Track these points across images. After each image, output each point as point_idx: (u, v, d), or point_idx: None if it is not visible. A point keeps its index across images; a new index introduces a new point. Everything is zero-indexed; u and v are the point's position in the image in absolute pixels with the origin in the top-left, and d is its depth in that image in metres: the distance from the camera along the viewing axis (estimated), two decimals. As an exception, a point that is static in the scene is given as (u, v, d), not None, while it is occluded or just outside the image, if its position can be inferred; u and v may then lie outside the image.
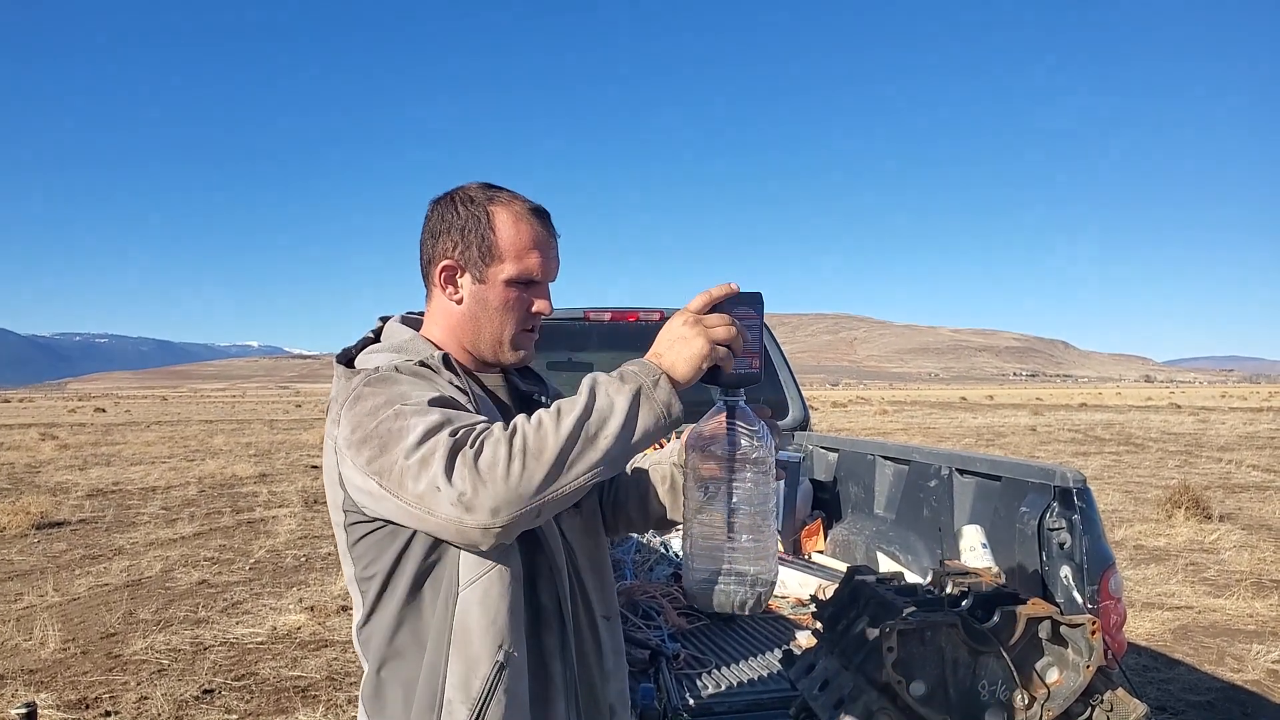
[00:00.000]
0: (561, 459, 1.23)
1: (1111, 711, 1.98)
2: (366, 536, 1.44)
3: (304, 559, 8.97)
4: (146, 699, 5.00)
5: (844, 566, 3.57)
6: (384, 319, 1.67)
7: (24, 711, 1.97)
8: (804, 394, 4.97)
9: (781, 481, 4.12)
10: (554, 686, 1.48)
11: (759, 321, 1.42)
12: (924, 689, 1.97)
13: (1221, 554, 8.75)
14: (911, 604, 2.09)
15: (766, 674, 2.73)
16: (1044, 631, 2.02)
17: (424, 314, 1.65)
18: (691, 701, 2.50)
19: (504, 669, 1.39)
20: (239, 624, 6.54)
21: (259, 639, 6.18)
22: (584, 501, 1.55)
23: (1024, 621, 1.99)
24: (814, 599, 2.43)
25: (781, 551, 3.88)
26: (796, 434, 4.81)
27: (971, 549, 2.65)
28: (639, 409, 1.28)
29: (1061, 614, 2.03)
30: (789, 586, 3.61)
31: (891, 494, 3.75)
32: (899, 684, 1.94)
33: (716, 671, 2.75)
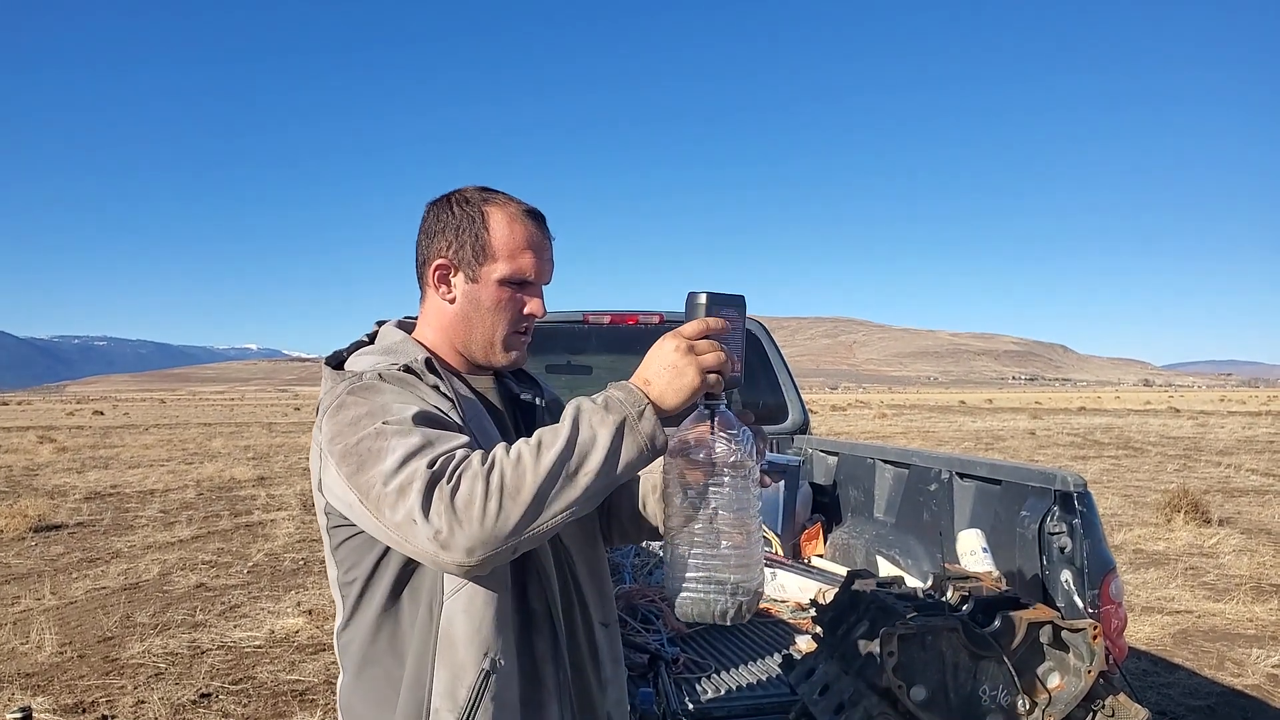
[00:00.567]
0: (540, 498, 1.22)
1: (1113, 717, 1.98)
2: (347, 541, 1.45)
3: (302, 562, 8.95)
4: (143, 703, 4.98)
5: (844, 571, 3.56)
6: (380, 323, 1.67)
7: (19, 716, 1.96)
8: (803, 398, 4.96)
9: (781, 484, 4.11)
10: (546, 692, 1.48)
11: (741, 325, 1.41)
12: (924, 694, 1.96)
13: (1221, 558, 8.73)
14: (912, 609, 2.08)
15: (766, 679, 2.72)
16: (1045, 636, 2.01)
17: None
18: (691, 706, 2.49)
19: (490, 676, 1.38)
20: (236, 627, 6.52)
21: (257, 643, 6.16)
22: None
23: (1025, 626, 1.99)
24: (814, 603, 2.41)
25: (781, 555, 3.86)
26: (796, 438, 4.80)
27: (972, 553, 2.64)
28: (622, 442, 1.27)
29: (1063, 619, 2.03)
30: (788, 591, 3.60)
31: (891, 498, 3.74)
32: (899, 689, 1.94)
33: (716, 676, 2.74)
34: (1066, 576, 2.50)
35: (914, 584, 2.55)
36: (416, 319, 1.65)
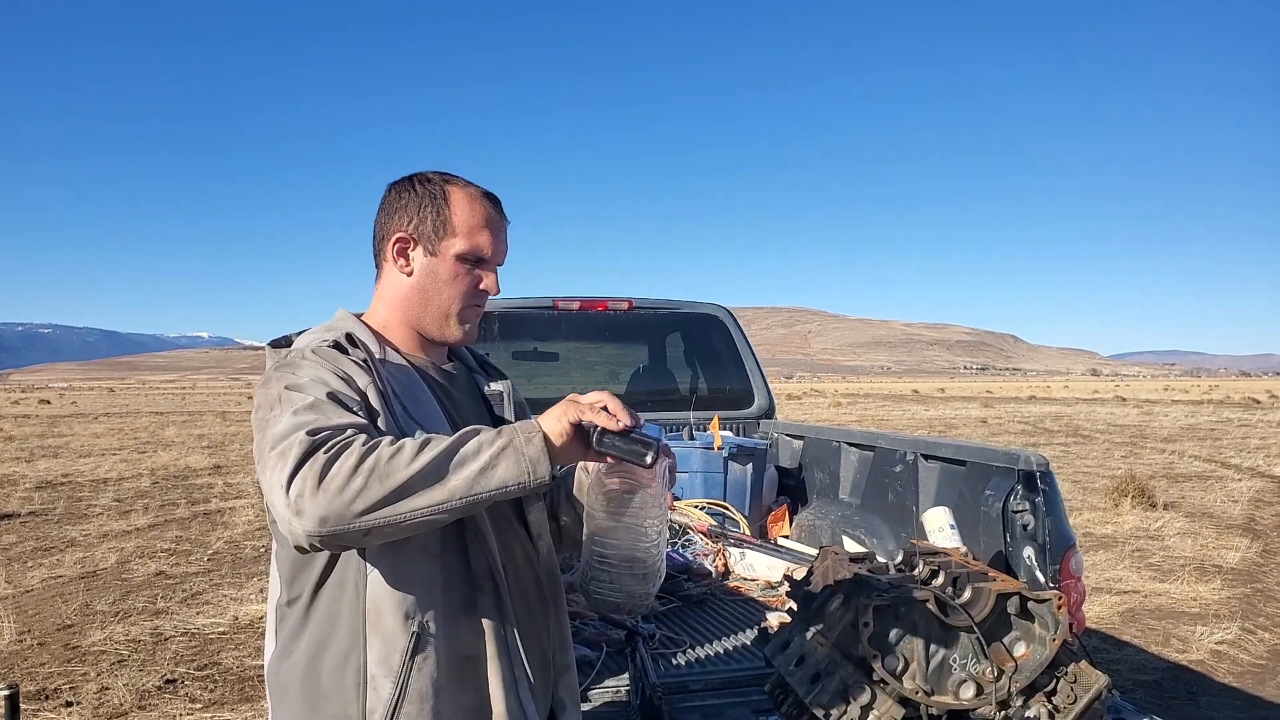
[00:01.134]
0: (406, 488, 1.25)
1: (1075, 683, 2.08)
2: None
3: (263, 549, 8.87)
4: (107, 689, 4.94)
5: (811, 551, 3.66)
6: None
7: (7, 693, 1.97)
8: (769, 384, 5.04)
9: (748, 467, 4.19)
10: (487, 649, 1.51)
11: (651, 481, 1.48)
12: (898, 663, 2.04)
13: (1166, 540, 9.02)
14: (885, 581, 2.17)
15: (741, 652, 2.80)
16: (1012, 607, 2.11)
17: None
18: (669, 680, 2.56)
19: (420, 638, 1.44)
20: (199, 614, 6.47)
21: (220, 629, 6.12)
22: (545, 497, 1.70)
23: (993, 597, 2.08)
24: (788, 578, 2.49)
25: (749, 535, 3.95)
26: (762, 422, 4.89)
27: (940, 529, 2.73)
28: (501, 459, 1.31)
29: (1029, 590, 2.12)
30: (757, 570, 3.68)
31: (857, 479, 3.83)
32: (874, 658, 2.02)
33: (692, 651, 2.81)
34: (1029, 552, 2.61)
35: (883, 560, 2.64)
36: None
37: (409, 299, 1.61)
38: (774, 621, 2.94)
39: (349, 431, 1.31)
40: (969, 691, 2.05)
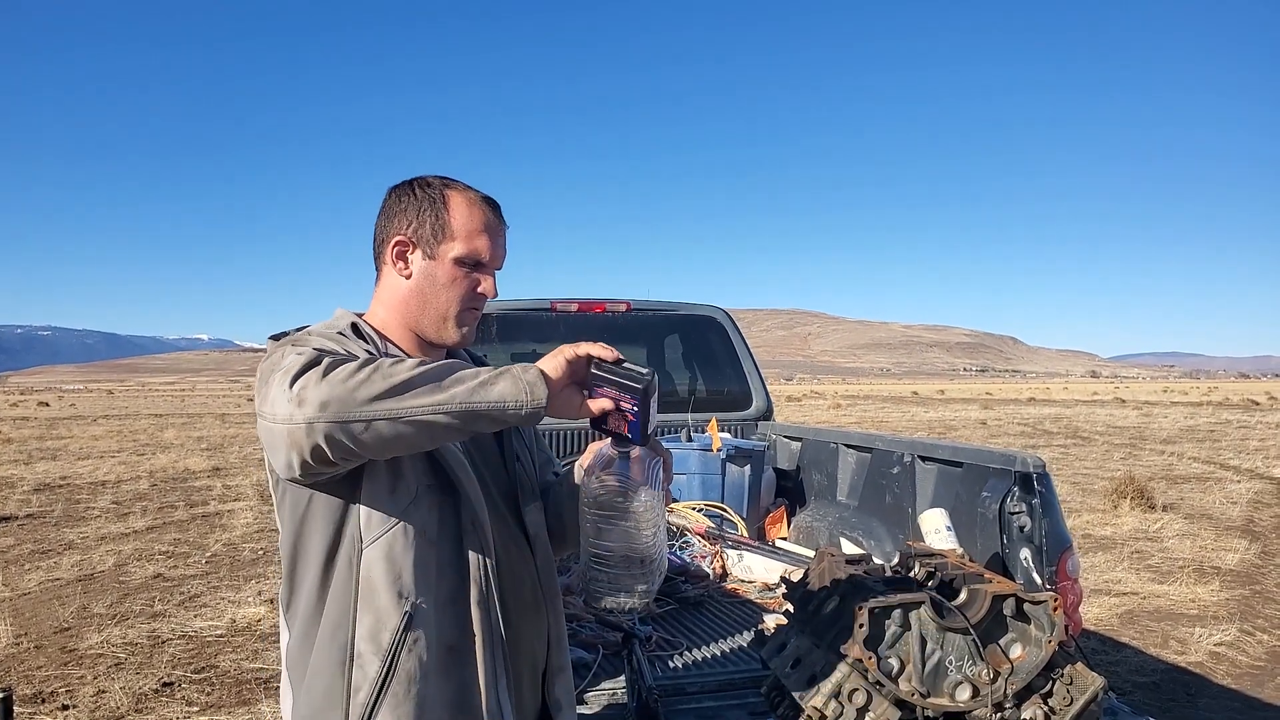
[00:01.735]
0: (407, 385, 1.27)
1: (1071, 685, 2.07)
2: (284, 499, 1.50)
3: (261, 552, 8.87)
4: (104, 692, 4.93)
5: (809, 552, 3.65)
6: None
7: (0, 697, 1.96)
8: (767, 385, 5.04)
9: (746, 469, 4.19)
10: (474, 637, 1.51)
11: (637, 405, 1.45)
12: (894, 665, 2.04)
13: (1165, 542, 9.02)
14: (881, 583, 2.16)
15: (737, 654, 2.80)
16: (1008, 609, 2.10)
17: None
18: (666, 682, 2.55)
19: (413, 619, 1.44)
20: (197, 617, 6.46)
21: (218, 632, 6.11)
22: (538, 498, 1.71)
23: (989, 599, 2.07)
24: (784, 580, 2.49)
25: (747, 537, 3.94)
26: (760, 424, 4.88)
27: (936, 531, 2.73)
28: (500, 379, 1.32)
29: (1025, 592, 2.12)
30: (755, 572, 3.68)
31: (854, 481, 3.83)
32: (870, 660, 2.01)
33: (689, 653, 2.80)
34: (1026, 554, 2.60)
35: (879, 562, 2.63)
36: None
37: (407, 301, 1.62)
38: (770, 624, 2.94)
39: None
40: (965, 693, 2.04)
